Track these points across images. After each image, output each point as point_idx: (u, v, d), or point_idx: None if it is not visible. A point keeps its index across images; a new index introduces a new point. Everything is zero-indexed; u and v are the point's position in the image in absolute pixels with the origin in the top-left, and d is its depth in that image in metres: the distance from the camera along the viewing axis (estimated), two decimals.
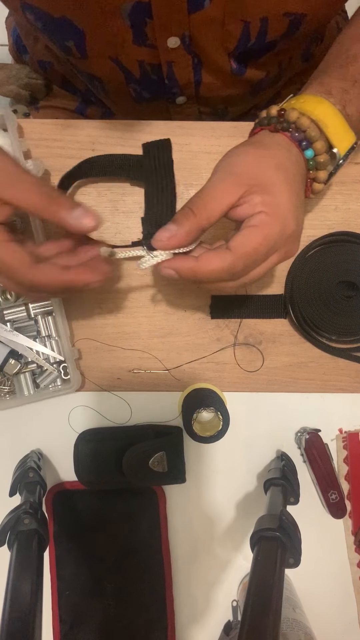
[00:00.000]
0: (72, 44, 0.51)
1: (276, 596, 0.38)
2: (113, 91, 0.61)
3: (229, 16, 0.48)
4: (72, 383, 0.55)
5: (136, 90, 0.60)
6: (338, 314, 0.56)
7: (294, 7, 0.47)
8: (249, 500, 0.57)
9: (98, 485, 0.56)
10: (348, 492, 0.56)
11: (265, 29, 0.50)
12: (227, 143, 0.58)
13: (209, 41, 0.52)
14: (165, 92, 0.60)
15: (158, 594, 0.56)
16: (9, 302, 0.56)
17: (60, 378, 0.57)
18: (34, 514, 0.45)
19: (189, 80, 0.58)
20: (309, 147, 0.44)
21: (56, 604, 0.56)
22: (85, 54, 0.53)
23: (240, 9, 0.47)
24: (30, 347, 0.55)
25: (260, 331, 0.58)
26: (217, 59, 0.55)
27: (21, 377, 0.56)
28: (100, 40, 0.51)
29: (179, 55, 0.53)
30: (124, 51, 0.52)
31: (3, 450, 0.57)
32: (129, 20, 0.48)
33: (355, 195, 0.58)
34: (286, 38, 0.52)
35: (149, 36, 0.50)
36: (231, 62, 0.55)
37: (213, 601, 0.57)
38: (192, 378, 0.58)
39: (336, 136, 0.44)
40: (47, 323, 0.56)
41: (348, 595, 0.57)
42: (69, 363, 0.55)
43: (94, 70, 0.57)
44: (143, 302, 0.58)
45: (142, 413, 0.58)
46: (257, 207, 0.40)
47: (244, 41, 0.51)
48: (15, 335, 0.55)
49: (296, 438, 0.58)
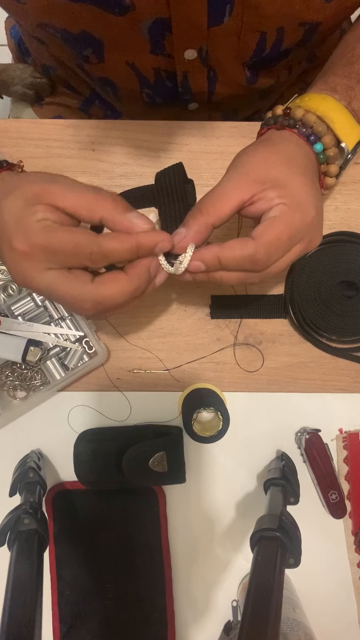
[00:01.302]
0: (91, 52, 0.52)
1: (276, 596, 0.37)
2: (125, 96, 0.62)
3: (246, 28, 0.48)
4: (100, 354, 0.55)
5: (149, 95, 0.60)
6: (338, 314, 0.56)
7: (309, 16, 0.47)
8: (249, 500, 0.57)
9: (98, 485, 0.56)
10: (348, 492, 0.56)
11: (280, 38, 0.50)
12: (227, 143, 0.58)
13: (225, 52, 0.52)
14: (178, 99, 0.61)
15: (158, 594, 0.56)
16: (14, 296, 0.56)
17: (86, 353, 0.56)
18: (34, 514, 0.45)
19: (202, 89, 0.58)
20: (318, 141, 0.43)
21: (56, 604, 0.56)
22: (103, 59, 0.53)
23: (258, 21, 0.47)
24: (48, 332, 0.55)
25: (260, 331, 0.58)
26: (232, 69, 0.55)
27: (49, 364, 0.56)
28: (118, 48, 0.51)
29: (195, 66, 0.54)
30: (140, 58, 0.53)
31: (3, 450, 0.57)
32: (148, 34, 0.48)
33: (355, 195, 0.58)
34: (300, 46, 0.52)
35: (167, 48, 0.51)
36: (245, 71, 0.56)
37: (213, 601, 0.57)
38: (192, 378, 0.58)
39: (343, 130, 0.44)
40: (57, 305, 0.56)
41: (348, 595, 0.56)
42: (89, 336, 0.56)
43: (110, 74, 0.57)
44: (143, 302, 0.58)
45: (142, 413, 0.58)
46: (274, 201, 0.39)
47: (259, 51, 0.52)
48: (30, 326, 0.55)
49: (296, 438, 0.58)
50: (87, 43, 0.50)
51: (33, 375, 0.57)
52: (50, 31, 0.49)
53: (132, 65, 0.54)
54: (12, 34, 0.75)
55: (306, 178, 0.41)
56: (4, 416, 0.56)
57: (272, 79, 0.60)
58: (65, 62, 0.62)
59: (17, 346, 0.54)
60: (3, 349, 0.54)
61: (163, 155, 0.59)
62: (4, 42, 0.77)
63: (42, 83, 0.72)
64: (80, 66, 0.58)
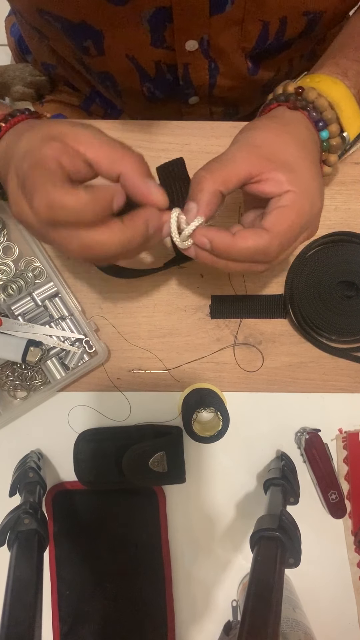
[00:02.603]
0: (90, 43, 0.51)
1: (276, 596, 0.38)
2: (126, 90, 0.61)
3: (249, 17, 0.48)
4: (100, 354, 0.55)
5: (150, 89, 0.60)
6: (338, 314, 0.56)
7: (313, 5, 0.47)
8: (249, 500, 0.57)
9: (98, 485, 0.56)
10: (348, 492, 0.56)
11: (283, 28, 0.49)
12: (227, 143, 0.57)
13: (227, 42, 0.51)
14: (178, 92, 0.60)
15: (158, 594, 0.56)
16: (13, 296, 0.56)
17: (86, 353, 0.56)
18: (34, 514, 0.45)
19: (204, 82, 0.58)
20: (325, 129, 0.43)
21: (56, 604, 0.56)
22: (103, 51, 0.52)
23: (261, 10, 0.47)
24: (50, 335, 0.55)
25: (260, 331, 0.58)
26: (233, 60, 0.54)
27: (49, 364, 0.56)
28: (118, 40, 0.51)
29: (196, 58, 0.53)
30: (141, 51, 0.52)
31: (3, 450, 0.57)
32: (148, 24, 0.48)
33: (355, 195, 0.58)
34: (303, 36, 0.52)
35: (167, 39, 0.50)
36: (247, 62, 0.55)
37: (213, 601, 0.57)
38: (192, 378, 0.58)
39: (348, 120, 0.44)
40: (56, 305, 0.56)
41: (348, 595, 0.56)
42: (89, 336, 0.56)
43: (110, 67, 0.56)
44: (143, 302, 0.58)
45: (142, 413, 0.58)
46: (284, 186, 0.38)
47: (262, 41, 0.51)
48: (31, 327, 0.55)
49: (296, 438, 0.58)
50: (86, 34, 0.49)
51: (33, 375, 0.57)
52: (49, 19, 0.48)
53: (133, 58, 0.53)
54: (12, 32, 0.75)
55: (314, 165, 0.40)
56: (4, 416, 0.56)
57: (273, 72, 0.59)
58: (66, 57, 0.61)
59: (17, 346, 0.54)
60: (3, 349, 0.54)
61: (163, 155, 0.58)
62: (3, 42, 0.78)
63: (42, 81, 0.72)
64: (80, 61, 0.58)
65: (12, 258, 0.57)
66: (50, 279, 0.55)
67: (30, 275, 0.57)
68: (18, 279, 0.57)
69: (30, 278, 0.57)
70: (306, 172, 0.39)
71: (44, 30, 0.55)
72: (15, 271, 0.57)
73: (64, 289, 0.55)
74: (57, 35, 0.52)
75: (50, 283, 0.56)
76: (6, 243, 0.57)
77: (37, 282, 0.57)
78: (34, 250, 0.55)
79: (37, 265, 0.57)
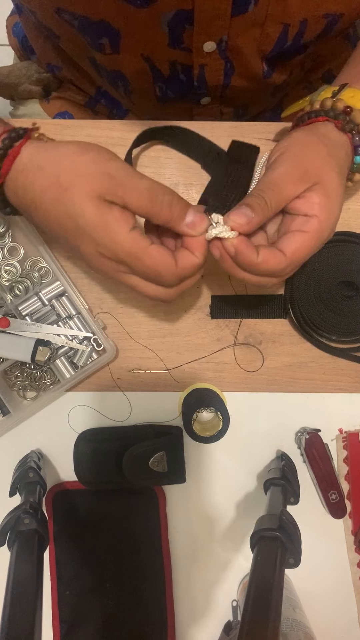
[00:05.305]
0: (107, 41, 0.51)
1: (276, 596, 0.38)
2: (136, 90, 0.61)
3: (270, 18, 0.48)
4: (108, 352, 0.55)
5: (162, 89, 0.60)
6: (338, 314, 0.56)
7: (334, 7, 0.47)
8: (249, 500, 0.57)
9: (98, 485, 0.56)
10: (348, 492, 0.56)
11: (302, 30, 0.49)
12: (227, 143, 0.58)
13: (246, 43, 0.51)
14: (191, 93, 0.60)
15: (158, 594, 0.56)
16: (21, 296, 0.56)
17: (95, 351, 0.56)
18: (34, 514, 0.45)
19: (218, 82, 0.58)
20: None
21: (56, 604, 0.56)
22: (118, 49, 0.52)
23: (283, 12, 0.47)
24: (58, 334, 0.55)
25: (260, 331, 0.58)
26: (250, 62, 0.54)
27: (58, 363, 0.56)
28: (135, 40, 0.51)
29: (213, 59, 0.53)
30: (157, 52, 0.52)
31: (3, 450, 0.57)
32: (167, 26, 0.48)
33: (355, 195, 0.58)
34: (320, 39, 0.52)
35: (185, 40, 0.50)
36: (263, 64, 0.55)
37: (213, 601, 0.57)
38: (192, 378, 0.58)
39: None
40: (63, 304, 0.56)
41: (348, 595, 0.57)
42: (97, 334, 0.56)
43: (123, 66, 0.56)
44: (143, 302, 0.58)
45: (142, 413, 0.58)
46: (314, 209, 0.41)
47: (281, 43, 0.51)
48: (39, 327, 0.55)
49: (296, 438, 0.58)
50: (103, 32, 0.49)
51: (42, 375, 0.57)
52: (68, 17, 0.48)
53: (148, 58, 0.53)
54: (15, 32, 0.74)
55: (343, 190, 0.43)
56: (15, 417, 0.56)
57: (286, 75, 0.59)
58: (74, 57, 0.61)
59: (25, 346, 0.54)
60: (12, 350, 0.54)
61: (163, 155, 0.58)
62: (4, 42, 0.77)
63: (48, 77, 0.72)
64: (91, 59, 0.57)
65: (17, 259, 0.57)
66: (57, 278, 0.55)
67: (36, 275, 0.57)
68: (24, 279, 0.57)
69: (37, 278, 0.57)
70: (337, 200, 0.42)
71: (55, 30, 0.54)
72: (21, 271, 0.57)
73: (71, 287, 0.55)
74: (71, 34, 0.52)
75: (57, 282, 0.55)
76: (11, 244, 0.57)
77: (44, 282, 0.57)
78: (39, 251, 0.55)
79: (42, 265, 0.57)
